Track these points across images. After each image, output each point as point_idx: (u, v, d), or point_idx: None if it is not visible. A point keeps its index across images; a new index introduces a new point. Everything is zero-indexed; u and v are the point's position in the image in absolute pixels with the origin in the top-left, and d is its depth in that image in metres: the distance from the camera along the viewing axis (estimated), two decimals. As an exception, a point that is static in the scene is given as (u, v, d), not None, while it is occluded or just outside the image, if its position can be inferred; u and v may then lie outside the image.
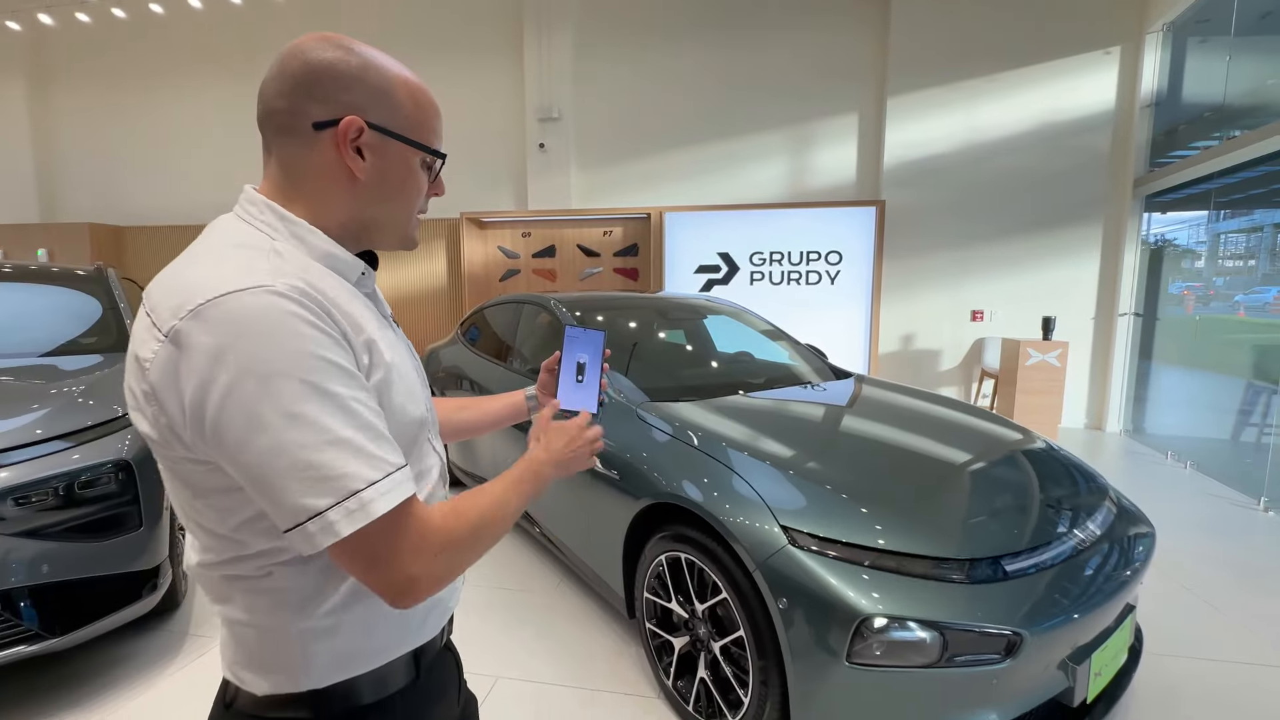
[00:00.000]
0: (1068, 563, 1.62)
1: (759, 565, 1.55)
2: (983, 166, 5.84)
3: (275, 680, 0.66)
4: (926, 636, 1.39)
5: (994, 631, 1.40)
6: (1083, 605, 1.53)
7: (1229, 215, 5.25)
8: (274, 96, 0.67)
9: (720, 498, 1.72)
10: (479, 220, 6.69)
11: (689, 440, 2.00)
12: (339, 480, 0.56)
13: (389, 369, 0.67)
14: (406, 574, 0.60)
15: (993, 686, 1.42)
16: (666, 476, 1.91)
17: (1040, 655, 1.45)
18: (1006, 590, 1.49)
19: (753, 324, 3.34)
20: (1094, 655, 1.55)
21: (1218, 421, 4.93)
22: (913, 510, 1.68)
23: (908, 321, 6.15)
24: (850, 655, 1.41)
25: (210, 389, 0.55)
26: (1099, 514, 1.85)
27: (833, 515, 1.61)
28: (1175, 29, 5.29)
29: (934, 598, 1.43)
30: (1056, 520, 1.73)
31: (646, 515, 1.99)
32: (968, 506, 1.78)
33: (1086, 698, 1.55)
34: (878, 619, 1.39)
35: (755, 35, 6.26)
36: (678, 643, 1.89)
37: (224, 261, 0.60)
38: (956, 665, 1.40)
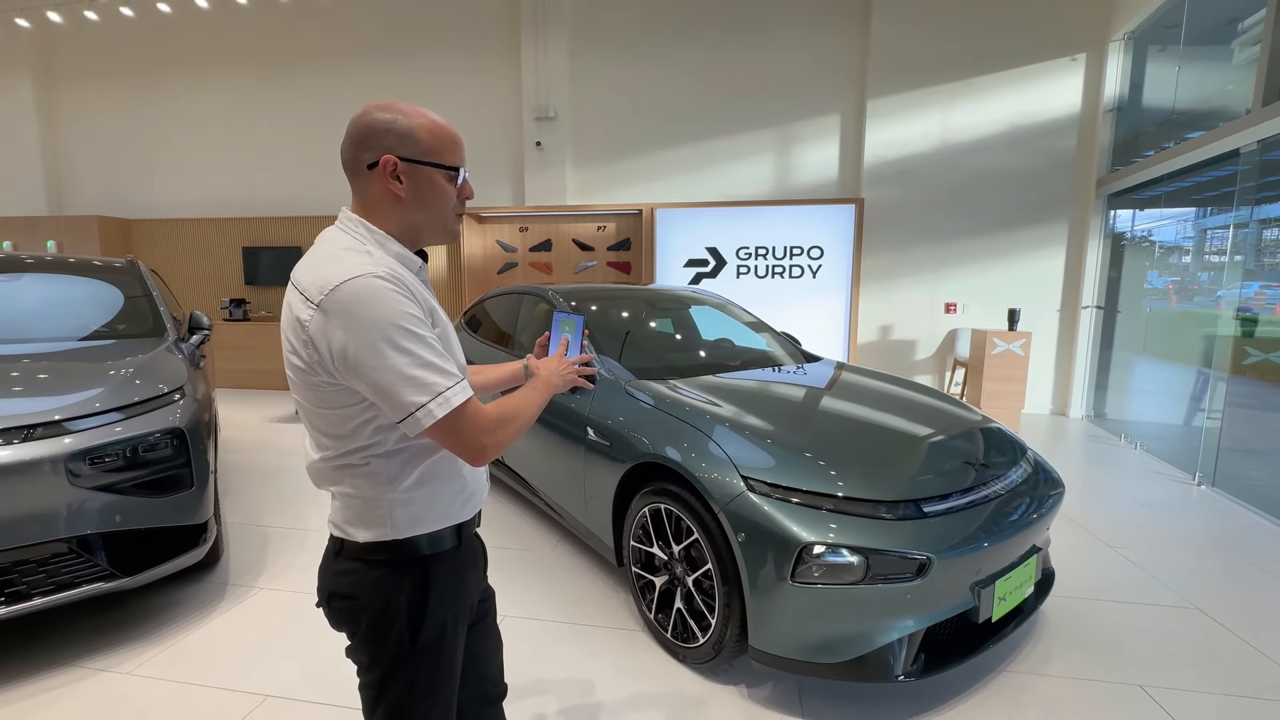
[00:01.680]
0: (977, 507, 1.96)
1: (723, 508, 1.89)
2: (956, 166, 6.18)
3: (372, 532, 1.00)
4: (854, 560, 1.72)
5: (907, 555, 1.74)
6: (984, 539, 1.87)
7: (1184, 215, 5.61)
8: (345, 150, 1.01)
9: (695, 457, 2.04)
10: (478, 215, 6.97)
11: (670, 411, 2.31)
12: (431, 385, 0.90)
13: (445, 326, 1.02)
14: (480, 442, 0.95)
15: (907, 600, 1.76)
16: (650, 441, 2.23)
17: (947, 576, 1.78)
18: (922, 526, 1.82)
19: (734, 314, 3.67)
20: (998, 583, 1.90)
21: (1166, 406, 5.31)
22: (852, 464, 1.99)
23: (885, 313, 6.49)
24: (794, 576, 1.74)
25: (349, 337, 0.88)
26: (1013, 472, 2.19)
27: (785, 468, 1.94)
28: (1136, 38, 5.62)
29: (862, 530, 1.77)
30: (974, 474, 2.06)
31: (632, 475, 2.32)
32: (899, 461, 2.09)
33: (992, 617, 1.90)
34: (816, 546, 1.73)
35: (743, 38, 6.55)
36: (658, 581, 2.22)
37: (341, 259, 0.93)
38: (878, 582, 1.73)
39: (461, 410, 0.93)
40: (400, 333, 0.89)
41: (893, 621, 1.76)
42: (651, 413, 2.35)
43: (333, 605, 1.04)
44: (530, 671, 2.10)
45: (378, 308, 0.88)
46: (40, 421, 2.09)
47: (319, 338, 0.90)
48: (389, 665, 1.01)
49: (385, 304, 0.89)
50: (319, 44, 7.34)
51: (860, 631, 1.76)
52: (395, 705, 1.02)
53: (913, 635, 1.77)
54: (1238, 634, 2.36)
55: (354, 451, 0.98)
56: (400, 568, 1.01)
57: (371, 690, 1.03)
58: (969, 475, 2.05)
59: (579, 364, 1.25)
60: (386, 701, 1.02)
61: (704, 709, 1.92)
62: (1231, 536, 3.30)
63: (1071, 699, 1.98)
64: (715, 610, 1.96)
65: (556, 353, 1.25)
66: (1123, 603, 2.57)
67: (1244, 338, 4.75)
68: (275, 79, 7.50)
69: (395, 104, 1.01)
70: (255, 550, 2.98)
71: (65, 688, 1.99)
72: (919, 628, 1.78)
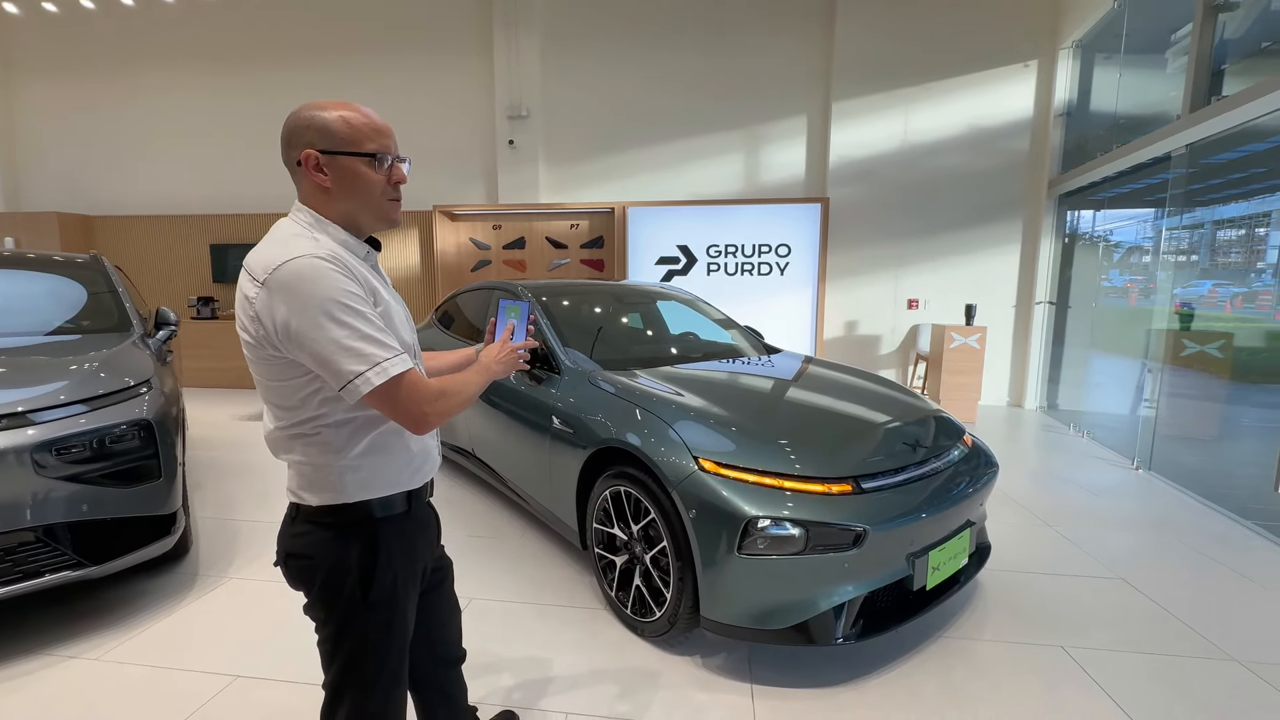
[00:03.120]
0: (913, 484, 2.11)
1: (675, 487, 2.01)
2: (917, 167, 6.40)
3: (323, 496, 1.09)
4: (796, 531, 1.85)
5: (845, 527, 1.88)
6: (919, 513, 2.02)
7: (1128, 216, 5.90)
8: (281, 151, 1.10)
9: (652, 441, 2.16)
10: (451, 213, 7.00)
11: (630, 399, 2.41)
12: (369, 356, 0.99)
13: (387, 306, 1.11)
14: (421, 411, 1.04)
15: (846, 569, 1.90)
16: (611, 427, 2.33)
17: (883, 546, 1.93)
18: (859, 500, 1.96)
19: (700, 309, 3.79)
20: (932, 554, 2.05)
21: (1111, 397, 5.58)
22: (798, 445, 2.11)
23: (851, 309, 6.69)
24: (741, 548, 1.86)
25: (290, 311, 0.97)
26: (950, 453, 2.35)
27: (733, 448, 2.06)
28: (1083, 47, 5.89)
29: (804, 505, 1.90)
30: (910, 454, 2.20)
31: (594, 461, 2.42)
32: (841, 443, 2.22)
33: (926, 585, 2.05)
34: (761, 520, 1.86)
35: (713, 40, 6.68)
36: (618, 560, 2.33)
37: (286, 243, 1.02)
38: (818, 552, 1.87)
39: (400, 380, 1.02)
40: (339, 307, 0.98)
41: (833, 589, 1.89)
42: (614, 401, 2.45)
43: (289, 565, 1.13)
44: (493, 650, 2.19)
45: (318, 284, 0.97)
46: (4, 413, 2.11)
47: (264, 313, 0.99)
48: (342, 621, 1.10)
49: (325, 281, 0.98)
50: (289, 40, 7.28)
51: (803, 599, 1.89)
52: (349, 658, 1.12)
53: (852, 601, 1.91)
54: (1156, 601, 2.55)
55: (305, 421, 1.07)
56: (351, 530, 1.10)
57: (328, 645, 1.13)
58: (906, 455, 2.19)
59: (523, 349, 1.35)
60: (342, 655, 1.12)
61: (658, 679, 2.03)
62: (1163, 516, 3.52)
63: (998, 659, 2.14)
64: (670, 585, 2.07)
65: (501, 338, 1.35)
66: (1055, 575, 2.76)
67: (1181, 331, 5.04)
68: (245, 75, 7.42)
69: (321, 102, 1.09)
70: (225, 542, 3.01)
71: (33, 674, 2.03)
72: (857, 594, 1.91)
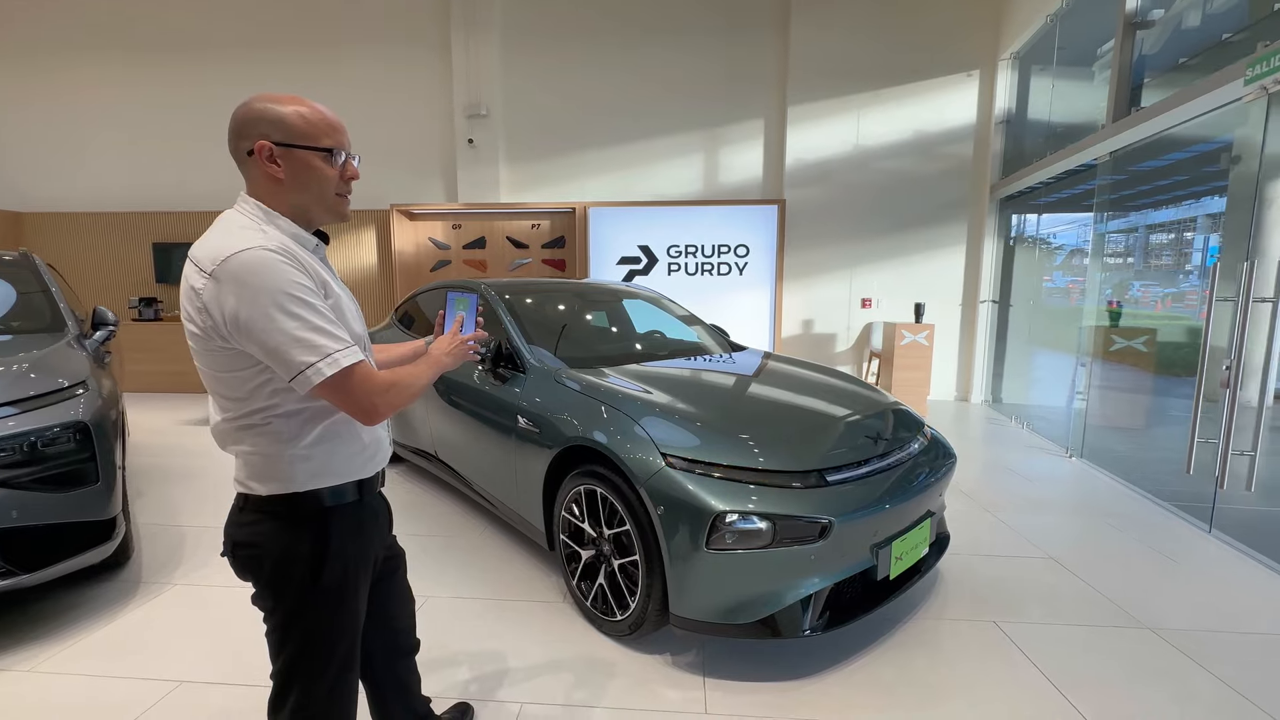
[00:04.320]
0: (876, 476, 2.13)
1: (643, 484, 2.00)
2: (869, 170, 6.62)
3: (273, 486, 1.09)
4: (763, 525, 1.86)
5: (811, 519, 1.89)
6: (882, 504, 2.05)
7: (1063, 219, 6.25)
8: (229, 140, 1.10)
9: (620, 439, 2.15)
10: (409, 212, 6.90)
11: (597, 397, 2.38)
12: (320, 347, 1.00)
13: (338, 298, 1.12)
14: (371, 402, 1.06)
15: (812, 561, 1.91)
16: (578, 426, 2.31)
17: (847, 538, 1.95)
18: (825, 493, 1.98)
19: (666, 307, 3.79)
20: (894, 544, 2.07)
21: (1049, 390, 5.90)
22: (763, 439, 2.12)
23: (807, 308, 6.88)
24: (709, 543, 1.87)
25: (239, 303, 0.97)
26: (910, 445, 2.38)
27: (700, 444, 2.06)
28: (1020, 58, 6.20)
29: (770, 498, 1.91)
30: (872, 446, 2.23)
31: (561, 460, 2.40)
32: (806, 436, 2.23)
33: (889, 575, 2.08)
34: (728, 514, 1.86)
35: (673, 42, 6.77)
36: (584, 553, 2.32)
37: (234, 235, 1.03)
38: (785, 545, 1.88)
39: (351, 371, 1.03)
40: (289, 299, 0.99)
41: (800, 581, 1.91)
42: (580, 399, 2.43)
43: (237, 554, 1.13)
44: (451, 645, 2.20)
45: (266, 277, 0.98)
46: (-75, 417, 2.01)
47: (212, 304, 0.99)
48: (291, 609, 1.11)
49: (274, 273, 0.99)
50: (236, 33, 7.05)
51: (771, 592, 1.90)
52: (299, 646, 1.12)
53: (818, 593, 1.93)
54: (1081, 578, 2.73)
55: (254, 412, 1.07)
56: (301, 518, 1.11)
57: (276, 634, 1.13)
58: (869, 447, 2.22)
59: (473, 340, 1.37)
60: (291, 644, 1.12)
61: (613, 669, 2.07)
62: (1091, 499, 3.75)
63: (932, 635, 2.27)
64: (638, 583, 2.06)
65: (451, 330, 1.37)
66: (990, 556, 2.92)
67: (1111, 327, 5.37)
68: (191, 68, 7.14)
69: (274, 95, 1.10)
70: (170, 549, 2.92)
71: (-43, 689, 1.94)
72: (823, 586, 1.94)
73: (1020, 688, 1.99)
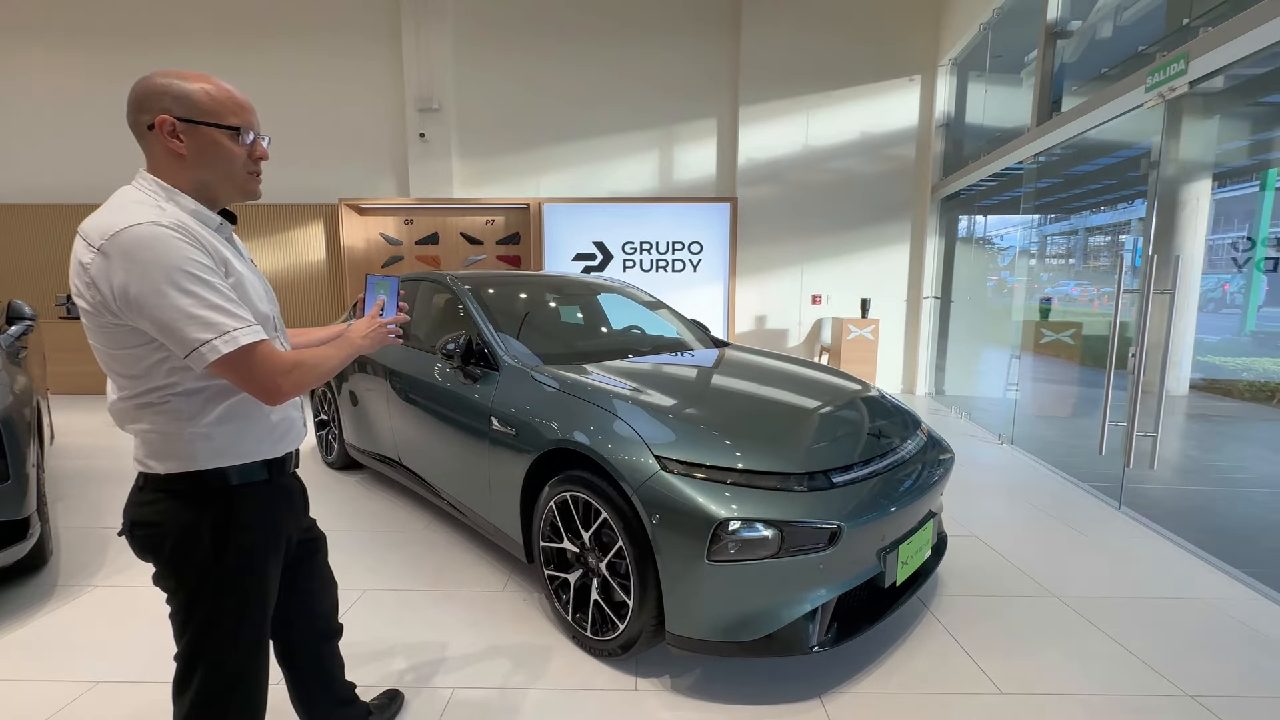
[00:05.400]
0: (881, 476, 2.00)
1: (635, 490, 1.83)
2: (818, 169, 6.81)
3: (173, 464, 1.09)
4: (769, 533, 1.70)
5: (819, 525, 1.74)
6: (888, 507, 1.91)
7: (999, 219, 6.56)
8: (127, 114, 1.09)
9: (607, 440, 1.96)
10: (358, 206, 6.75)
11: (579, 395, 2.20)
12: (217, 324, 1.00)
13: (240, 277, 1.11)
14: (274, 382, 1.06)
15: (820, 570, 1.75)
16: (559, 427, 2.12)
17: (856, 543, 1.81)
18: (832, 496, 1.83)
19: (643, 301, 3.64)
20: (901, 547, 1.96)
21: (985, 381, 6.19)
22: (763, 439, 1.98)
23: (760, 304, 7.02)
24: (710, 554, 1.70)
25: (129, 277, 0.97)
26: (911, 442, 2.28)
27: (697, 445, 1.89)
28: (958, 64, 6.48)
29: (775, 503, 1.75)
30: (876, 445, 2.12)
31: (540, 465, 2.20)
32: (808, 436, 2.10)
33: (896, 581, 1.96)
34: (731, 522, 1.69)
35: (628, 40, 6.82)
36: (572, 578, 2.12)
37: (127, 210, 1.02)
38: (792, 554, 1.72)
39: (251, 350, 1.03)
40: (183, 275, 0.98)
41: (807, 593, 1.76)
42: (560, 398, 2.25)
43: (135, 534, 1.12)
44: (387, 636, 2.19)
45: (159, 252, 0.97)
46: None
47: (100, 279, 0.98)
48: (194, 589, 1.11)
49: (167, 249, 0.98)
50: (179, 21, 6.76)
51: (776, 605, 1.75)
52: (202, 627, 1.12)
53: (825, 605, 1.79)
54: (1000, 553, 2.89)
55: (151, 390, 1.06)
56: (204, 496, 1.11)
57: (180, 615, 1.12)
58: (873, 446, 2.11)
59: (394, 324, 1.38)
60: (195, 623, 1.12)
61: (549, 656, 2.10)
62: (1016, 482, 3.97)
63: (861, 612, 2.37)
64: (630, 598, 1.90)
65: (370, 313, 1.37)
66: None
67: (1041, 322, 5.67)
68: (127, 56, 6.82)
69: (178, 70, 1.10)
70: (91, 552, 2.80)
71: None
72: (831, 597, 1.79)
73: (932, 654, 2.11)
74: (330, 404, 3.88)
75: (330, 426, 3.96)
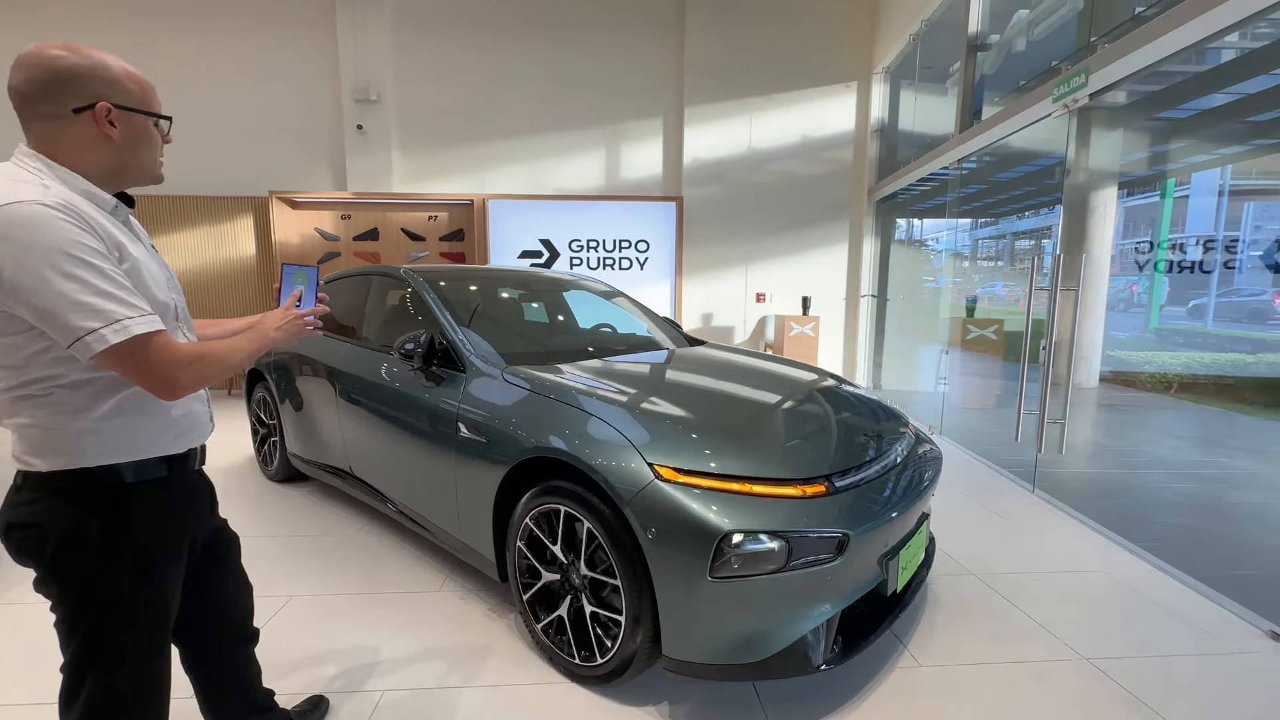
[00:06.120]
0: (881, 478, 1.94)
1: (628, 501, 1.67)
2: (761, 171, 6.97)
3: (56, 461, 1.01)
4: (775, 545, 1.58)
5: (827, 534, 1.64)
6: (892, 510, 1.84)
7: (930, 221, 6.89)
8: (32, 92, 1.01)
9: (593, 447, 1.79)
10: (291, 200, 6.46)
11: (559, 397, 2.04)
12: (106, 312, 0.94)
13: (135, 263, 1.05)
14: (171, 374, 1.00)
15: (827, 583, 1.64)
16: (539, 434, 1.95)
17: (862, 551, 1.71)
18: (836, 501, 1.73)
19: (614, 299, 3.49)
20: (901, 553, 1.89)
21: (919, 376, 6.50)
22: (759, 442, 1.89)
23: (706, 302, 7.13)
24: (712, 571, 1.56)
25: (3, 260, 0.90)
26: (903, 440, 2.23)
27: (692, 451, 1.76)
28: (891, 72, 6.77)
29: (779, 512, 1.64)
30: (872, 445, 2.05)
31: (515, 475, 2.04)
32: (803, 437, 2.01)
33: (897, 588, 1.90)
34: (735, 534, 1.56)
35: (575, 37, 6.78)
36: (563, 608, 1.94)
37: (3, 187, 0.94)
38: (799, 567, 1.60)
39: (145, 340, 0.97)
40: (68, 259, 0.92)
41: (814, 607, 1.65)
42: (536, 401, 2.08)
43: (11, 537, 1.04)
44: (315, 644, 2.11)
45: (41, 233, 0.91)
46: None
47: None
48: (83, 593, 1.04)
49: (50, 230, 0.92)
50: (79, -6, 6.29)
51: (781, 622, 1.63)
52: (89, 635, 1.05)
53: (830, 619, 1.69)
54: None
55: (32, 382, 0.99)
56: (92, 495, 1.04)
57: (65, 622, 1.05)
58: (868, 447, 2.04)
59: (314, 315, 1.33)
60: (81, 632, 1.04)
61: (485, 655, 2.08)
62: (944, 471, 4.16)
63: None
64: (622, 621, 1.75)
65: (286, 304, 1.32)
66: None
67: (967, 319, 5.99)
68: (18, 31, 6.28)
69: (82, 47, 1.03)
70: (-17, 568, 2.58)
71: None
72: (836, 610, 1.68)
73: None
74: (271, 410, 3.58)
75: (271, 435, 3.65)
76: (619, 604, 1.75)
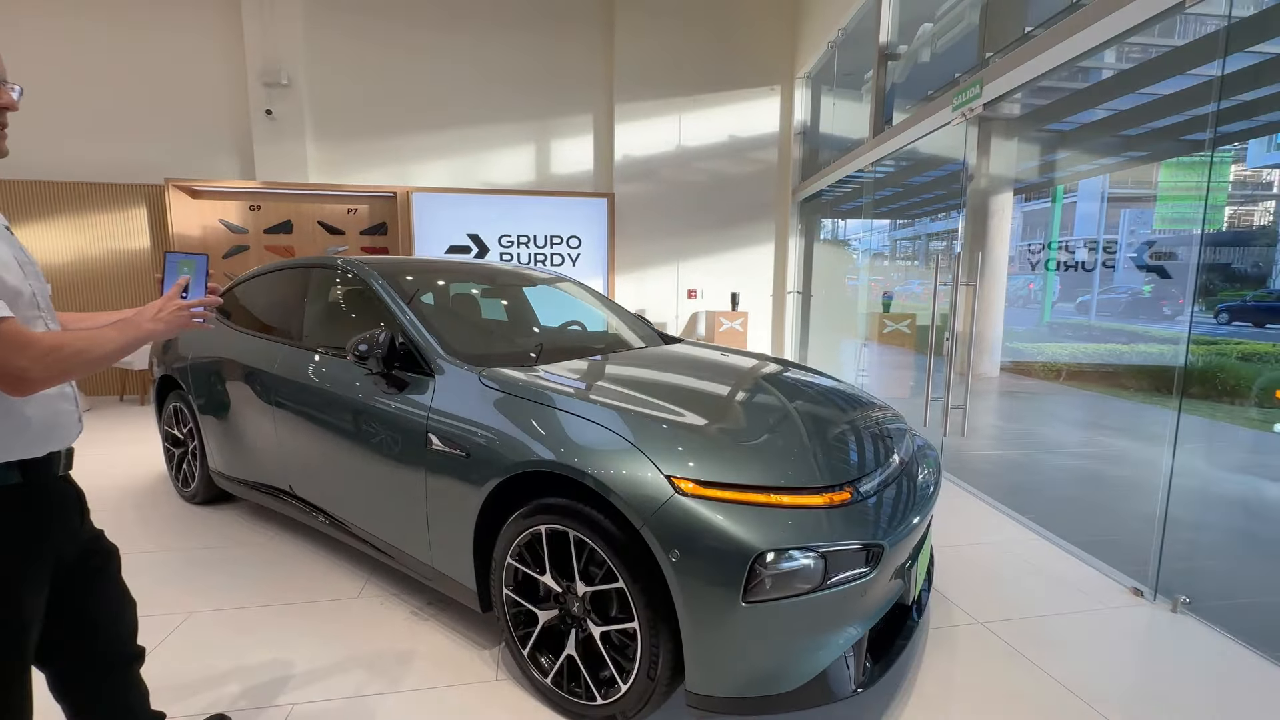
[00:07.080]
0: (897, 480, 1.80)
1: (646, 520, 1.48)
2: (690, 169, 7.09)
3: None
4: (810, 562, 1.43)
5: (862, 546, 1.49)
6: (914, 514, 1.71)
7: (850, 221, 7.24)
8: None
9: (600, 459, 1.59)
10: (191, 189, 5.99)
11: (550, 403, 1.82)
12: None
13: None
14: (18, 365, 0.91)
15: (860, 600, 1.49)
16: (529, 445, 1.73)
17: (892, 561, 1.56)
18: (864, 509, 1.59)
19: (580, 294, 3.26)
20: (917, 560, 1.76)
21: (842, 369, 6.82)
22: (775, 448, 1.71)
23: (639, 299, 7.19)
24: (746, 594, 1.40)
25: None
26: (907, 438, 2.11)
27: (711, 460, 1.58)
28: (812, 78, 7.06)
29: (809, 524, 1.47)
30: (884, 445, 1.93)
31: (499, 494, 1.83)
32: (818, 440, 1.82)
33: (914, 597, 1.78)
34: (769, 553, 1.40)
35: (501, 30, 6.65)
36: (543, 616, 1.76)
37: None
38: (833, 586, 1.45)
39: None
40: None
41: (847, 626, 1.50)
42: (526, 408, 1.84)
43: None
44: (217, 662, 1.98)
45: None
46: None
47: None
48: None
49: None
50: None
51: (816, 645, 1.47)
52: None
53: (862, 639, 1.53)
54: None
55: None
56: None
57: None
58: (882, 448, 1.91)
59: (203, 305, 1.24)
60: None
61: (409, 660, 2.01)
62: (862, 456, 4.41)
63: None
64: (638, 654, 1.55)
65: (169, 293, 1.23)
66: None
67: (884, 313, 6.33)
68: None
69: None
70: None
71: None
72: (867, 628, 1.54)
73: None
74: (187, 421, 3.17)
75: (187, 450, 3.23)
76: (634, 634, 1.55)
